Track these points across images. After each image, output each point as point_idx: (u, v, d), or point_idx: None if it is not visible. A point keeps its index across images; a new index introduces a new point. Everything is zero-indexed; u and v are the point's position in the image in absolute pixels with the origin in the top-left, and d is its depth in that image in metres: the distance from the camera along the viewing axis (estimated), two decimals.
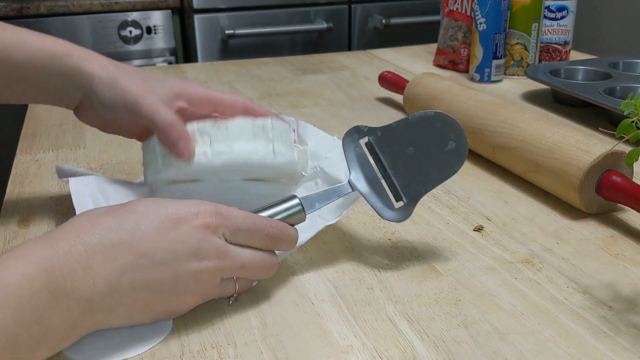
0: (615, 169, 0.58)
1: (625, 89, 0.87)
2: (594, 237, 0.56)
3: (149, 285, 0.41)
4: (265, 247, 0.46)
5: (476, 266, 0.51)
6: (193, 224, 0.42)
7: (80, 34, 1.77)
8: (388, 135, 0.51)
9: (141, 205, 0.42)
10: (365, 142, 0.52)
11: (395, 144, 0.51)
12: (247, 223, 0.44)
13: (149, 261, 0.40)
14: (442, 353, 0.41)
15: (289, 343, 0.43)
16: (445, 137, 0.51)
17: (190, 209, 0.43)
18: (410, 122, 0.52)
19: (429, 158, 0.51)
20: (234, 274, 0.45)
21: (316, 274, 0.51)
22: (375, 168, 0.51)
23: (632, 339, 0.42)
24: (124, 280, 0.40)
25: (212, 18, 1.82)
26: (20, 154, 0.76)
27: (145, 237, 0.41)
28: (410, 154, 0.51)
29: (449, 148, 0.51)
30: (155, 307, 0.42)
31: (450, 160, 0.51)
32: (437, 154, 0.51)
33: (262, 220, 0.45)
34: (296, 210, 0.48)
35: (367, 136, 0.52)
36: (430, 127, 0.51)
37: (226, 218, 0.44)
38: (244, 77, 1.12)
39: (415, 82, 0.85)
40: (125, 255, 0.40)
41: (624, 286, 0.49)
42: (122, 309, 0.41)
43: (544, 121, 0.66)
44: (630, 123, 0.43)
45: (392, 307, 0.46)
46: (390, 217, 0.51)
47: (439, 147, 0.51)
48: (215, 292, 0.45)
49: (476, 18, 1.04)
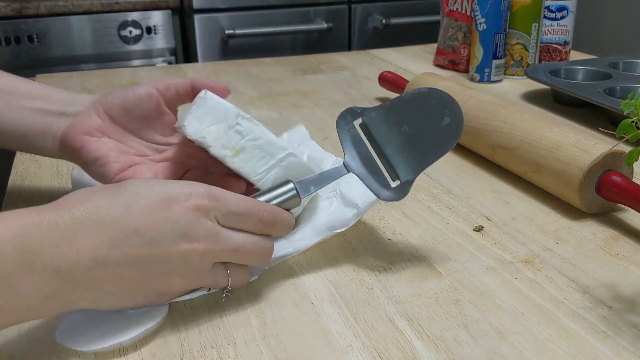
0: (615, 169, 0.58)
1: (625, 89, 0.87)
2: (594, 237, 0.56)
3: (137, 262, 0.40)
4: (259, 232, 0.45)
5: (476, 266, 0.51)
6: (185, 204, 0.41)
7: (80, 34, 1.77)
8: (382, 115, 0.51)
9: (135, 184, 0.42)
10: (359, 123, 0.51)
11: (389, 123, 0.51)
12: (241, 207, 0.44)
13: (139, 238, 0.40)
14: (442, 353, 0.41)
15: (289, 343, 0.43)
16: (440, 112, 0.50)
17: (183, 189, 0.42)
18: (404, 100, 0.51)
19: (424, 135, 0.51)
20: (226, 257, 0.44)
21: (316, 274, 0.51)
22: (371, 148, 0.51)
23: (632, 339, 0.42)
24: (112, 255, 0.39)
25: (212, 18, 1.82)
26: (20, 154, 0.76)
27: (136, 215, 0.40)
28: (406, 132, 0.51)
29: (444, 123, 0.50)
30: (143, 287, 0.42)
31: (446, 136, 0.50)
32: (433, 130, 0.51)
33: (257, 205, 0.45)
34: (291, 195, 0.47)
35: (361, 117, 0.52)
36: (424, 104, 0.51)
37: (219, 201, 0.43)
38: (244, 77, 1.13)
39: (415, 82, 0.85)
40: (114, 231, 0.39)
41: (624, 286, 0.49)
42: (108, 286, 0.40)
43: (544, 121, 0.66)
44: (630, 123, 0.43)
45: (392, 307, 0.46)
46: (388, 196, 0.50)
47: (434, 124, 0.51)
48: (207, 278, 0.44)
49: (476, 18, 1.04)
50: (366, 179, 0.50)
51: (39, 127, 0.56)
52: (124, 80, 1.11)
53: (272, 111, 0.92)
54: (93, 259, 0.39)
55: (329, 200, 0.56)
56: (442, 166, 0.72)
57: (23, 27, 1.72)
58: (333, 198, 0.56)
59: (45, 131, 0.56)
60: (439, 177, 0.69)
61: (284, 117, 0.89)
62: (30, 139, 0.57)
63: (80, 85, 1.08)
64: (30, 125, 0.56)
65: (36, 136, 0.56)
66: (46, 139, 0.56)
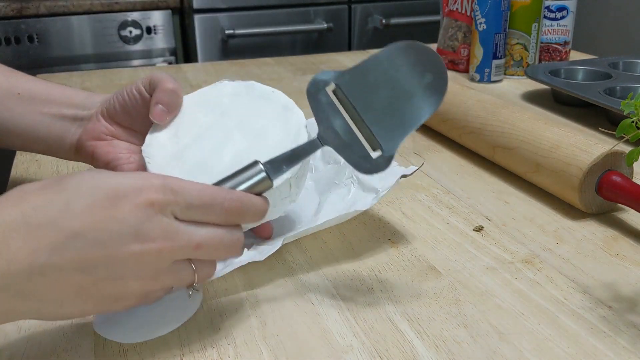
0: (615, 169, 0.58)
1: (625, 89, 0.87)
2: (594, 237, 0.56)
3: (81, 267, 0.36)
4: (225, 223, 0.40)
5: (476, 266, 0.51)
6: (135, 201, 0.37)
7: (80, 34, 1.77)
8: (357, 78, 0.45)
9: (76, 179, 0.38)
10: (332, 89, 0.46)
11: (366, 86, 0.45)
12: (203, 198, 0.39)
13: (81, 241, 0.36)
14: (442, 353, 0.41)
15: (289, 343, 0.43)
16: (420, 69, 0.45)
17: (133, 183, 0.38)
18: (379, 59, 0.46)
19: (405, 96, 0.45)
20: (188, 255, 0.39)
21: (316, 274, 0.51)
22: (347, 117, 0.46)
23: (632, 339, 0.42)
24: (52, 261, 0.36)
25: (212, 18, 1.82)
26: (20, 154, 0.76)
27: (77, 215, 0.36)
28: (384, 94, 0.45)
29: (426, 81, 0.45)
30: (92, 292, 0.38)
31: (428, 96, 0.45)
32: (414, 89, 0.45)
33: (220, 193, 0.40)
34: (260, 178, 0.42)
35: (334, 82, 0.46)
36: (402, 61, 0.45)
37: (176, 193, 0.38)
38: (244, 77, 1.12)
39: None
40: (53, 235, 0.36)
41: (624, 286, 0.49)
42: (50, 294, 0.37)
43: (544, 121, 0.66)
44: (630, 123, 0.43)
45: (392, 307, 0.46)
46: (367, 169, 0.45)
47: (414, 82, 0.45)
48: (168, 277, 0.40)
49: (476, 18, 1.04)
50: (343, 151, 0.45)
51: (57, 133, 0.58)
52: (124, 80, 1.11)
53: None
54: (29, 266, 0.35)
55: (346, 187, 0.57)
56: (442, 166, 0.72)
57: (23, 27, 1.72)
58: (350, 185, 0.57)
59: (62, 137, 0.58)
60: (439, 177, 0.69)
61: None
62: (50, 144, 0.59)
63: (80, 85, 1.08)
64: (48, 131, 0.58)
65: (55, 141, 0.58)
66: (64, 144, 0.58)
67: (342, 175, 0.60)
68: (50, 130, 0.58)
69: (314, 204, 0.58)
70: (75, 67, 1.77)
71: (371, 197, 0.55)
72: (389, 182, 0.55)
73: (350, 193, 0.57)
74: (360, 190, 0.56)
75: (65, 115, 0.58)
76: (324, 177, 0.61)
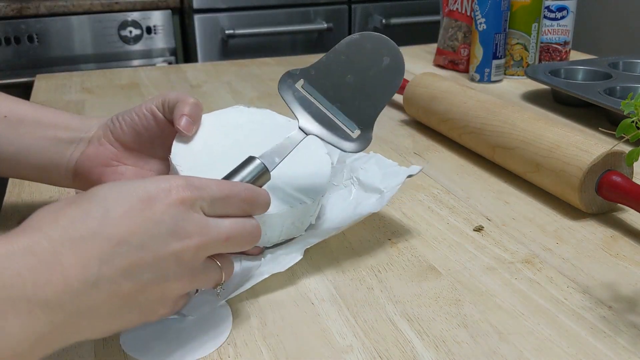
0: (615, 169, 0.58)
1: (625, 89, 0.87)
2: (594, 237, 0.56)
3: (131, 273, 0.36)
4: (243, 213, 0.42)
5: (476, 266, 0.51)
6: (167, 201, 0.38)
7: (80, 34, 1.77)
8: (322, 71, 0.50)
9: (105, 189, 0.38)
10: (301, 85, 0.50)
11: (332, 77, 0.50)
12: (223, 190, 0.41)
13: (126, 247, 0.36)
14: (442, 353, 0.41)
15: (289, 343, 0.43)
16: (378, 54, 0.50)
17: (160, 185, 0.38)
18: (339, 51, 0.50)
19: (369, 80, 0.50)
20: (219, 249, 0.41)
21: (316, 274, 0.51)
22: (321, 106, 0.50)
23: (632, 339, 0.42)
24: (103, 272, 0.35)
25: (212, 18, 1.82)
26: None
27: (117, 222, 0.36)
28: (350, 81, 0.50)
29: (385, 64, 0.50)
30: (139, 300, 0.37)
31: (389, 76, 0.50)
32: (376, 73, 0.50)
33: (236, 185, 0.42)
34: (261, 170, 0.45)
35: (302, 78, 0.50)
36: (360, 50, 0.50)
37: (201, 189, 0.40)
38: (244, 77, 1.12)
39: (415, 82, 0.85)
40: (98, 245, 0.35)
41: (624, 286, 0.49)
42: (104, 308, 0.36)
43: (544, 121, 0.66)
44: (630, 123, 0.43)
45: (392, 307, 0.46)
46: (351, 147, 0.49)
47: (375, 67, 0.50)
48: (201, 277, 0.40)
49: (476, 18, 1.04)
50: (326, 136, 0.49)
51: (51, 157, 0.54)
52: (124, 80, 1.11)
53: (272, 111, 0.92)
54: (83, 280, 0.34)
55: (346, 189, 0.57)
56: (442, 166, 0.72)
57: (23, 27, 1.72)
58: (351, 186, 0.57)
59: (57, 162, 0.54)
60: (439, 177, 0.69)
61: None
62: (43, 170, 0.55)
63: (80, 85, 1.08)
64: (41, 157, 0.54)
65: (48, 167, 0.55)
66: (58, 169, 0.55)
67: (340, 176, 0.60)
68: (43, 155, 0.54)
69: None
70: (75, 67, 1.77)
71: (374, 197, 0.55)
72: (392, 182, 0.55)
73: (352, 194, 0.57)
74: (362, 191, 0.57)
75: (60, 138, 0.54)
76: None
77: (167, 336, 0.43)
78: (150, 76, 1.14)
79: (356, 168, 0.59)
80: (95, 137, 0.54)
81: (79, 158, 0.54)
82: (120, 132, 0.54)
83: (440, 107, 0.78)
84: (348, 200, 0.56)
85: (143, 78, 1.13)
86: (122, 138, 0.54)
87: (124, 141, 0.54)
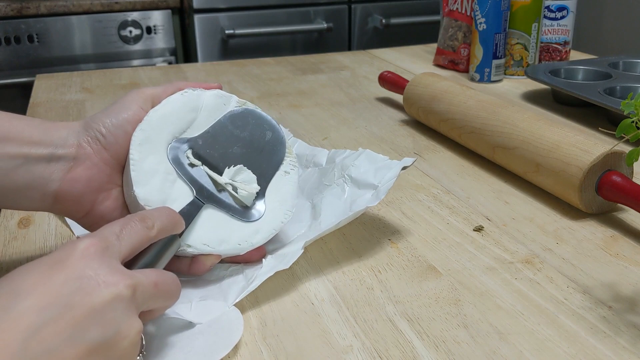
0: (615, 169, 0.58)
1: (625, 89, 0.87)
2: (594, 237, 0.56)
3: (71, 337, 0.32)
4: None
5: (476, 266, 0.51)
6: (77, 255, 0.35)
7: (80, 34, 1.77)
8: (209, 141, 0.50)
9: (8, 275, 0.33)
10: (191, 152, 0.49)
11: (220, 147, 0.51)
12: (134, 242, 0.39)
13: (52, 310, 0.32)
14: (442, 353, 0.41)
15: (289, 343, 0.43)
16: (261, 129, 0.53)
17: (66, 247, 0.35)
18: (224, 123, 0.51)
19: (255, 151, 0.52)
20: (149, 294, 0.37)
21: (316, 274, 0.50)
22: (213, 174, 0.50)
23: (632, 339, 0.42)
24: (31, 349, 0.30)
25: (212, 18, 1.82)
26: None
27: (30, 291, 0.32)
28: (237, 152, 0.51)
29: (268, 138, 0.52)
30: None
31: (274, 149, 0.53)
32: (260, 145, 0.52)
33: None
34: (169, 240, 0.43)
35: (190, 147, 0.50)
36: (244, 124, 0.52)
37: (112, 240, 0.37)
38: (244, 77, 1.13)
39: (415, 82, 0.85)
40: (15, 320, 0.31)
41: (624, 286, 0.49)
42: None
43: (544, 121, 0.66)
44: (630, 123, 0.43)
45: (392, 307, 0.46)
46: (247, 217, 0.49)
47: (259, 139, 0.52)
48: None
49: (476, 18, 1.04)
50: (220, 205, 0.49)
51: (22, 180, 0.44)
52: (124, 80, 1.11)
53: (272, 111, 0.92)
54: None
55: (339, 187, 0.57)
56: (442, 166, 0.72)
57: (23, 27, 1.72)
58: (344, 184, 0.57)
59: (31, 186, 0.44)
60: (439, 177, 0.69)
61: (284, 117, 0.89)
62: (9, 194, 0.45)
63: (80, 85, 1.08)
64: (8, 179, 0.44)
65: (17, 191, 0.45)
66: (32, 193, 0.45)
67: (331, 175, 0.59)
68: (10, 176, 0.44)
69: (306, 208, 0.57)
70: (75, 67, 1.77)
71: (369, 192, 0.55)
72: (385, 176, 0.55)
73: (345, 192, 0.57)
74: (356, 189, 0.56)
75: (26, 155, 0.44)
76: (308, 180, 0.61)
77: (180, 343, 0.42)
78: (150, 76, 1.14)
79: (347, 165, 0.58)
80: (82, 156, 0.46)
81: (63, 181, 0.45)
82: (118, 148, 0.47)
83: (440, 107, 0.78)
84: (343, 198, 0.56)
85: (143, 78, 1.13)
86: (120, 153, 0.47)
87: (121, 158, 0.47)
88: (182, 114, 0.50)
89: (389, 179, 0.54)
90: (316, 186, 0.59)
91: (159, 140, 0.48)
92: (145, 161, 0.47)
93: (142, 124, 0.48)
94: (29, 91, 1.06)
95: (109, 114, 0.47)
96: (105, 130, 0.46)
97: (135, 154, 0.47)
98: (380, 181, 0.55)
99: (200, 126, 0.51)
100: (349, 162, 0.59)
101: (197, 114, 0.51)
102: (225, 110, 0.52)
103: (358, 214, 0.53)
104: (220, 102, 0.52)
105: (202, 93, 0.51)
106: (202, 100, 0.51)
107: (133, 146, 0.47)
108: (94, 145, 0.46)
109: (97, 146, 0.46)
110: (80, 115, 0.92)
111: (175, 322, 0.44)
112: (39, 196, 0.45)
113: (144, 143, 0.47)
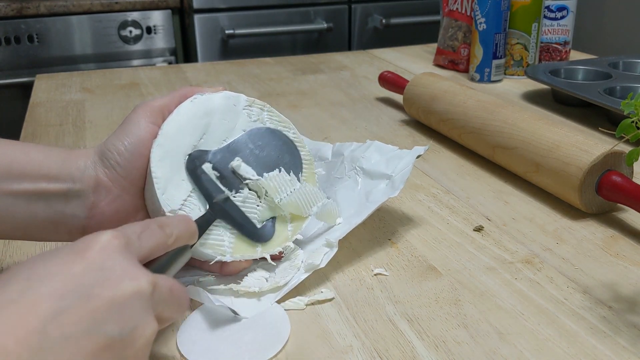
0: (615, 169, 0.58)
1: (625, 89, 0.87)
2: (594, 237, 0.56)
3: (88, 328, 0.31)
4: None
5: (476, 266, 0.51)
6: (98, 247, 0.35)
7: (80, 34, 1.77)
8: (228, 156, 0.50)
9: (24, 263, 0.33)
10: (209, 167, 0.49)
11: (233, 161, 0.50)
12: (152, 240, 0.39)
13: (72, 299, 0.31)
14: (442, 353, 0.41)
15: (289, 343, 0.43)
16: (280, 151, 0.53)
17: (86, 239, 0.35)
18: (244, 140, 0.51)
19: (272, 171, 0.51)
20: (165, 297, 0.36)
21: (316, 274, 0.50)
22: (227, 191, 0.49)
23: (632, 339, 0.42)
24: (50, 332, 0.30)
25: (212, 18, 1.82)
26: None
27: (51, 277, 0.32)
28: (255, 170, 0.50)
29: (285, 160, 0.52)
30: None
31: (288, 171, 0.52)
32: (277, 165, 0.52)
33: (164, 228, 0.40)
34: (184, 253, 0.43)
35: (208, 160, 0.49)
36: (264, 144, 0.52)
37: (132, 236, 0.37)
38: (244, 77, 1.13)
39: (415, 82, 0.85)
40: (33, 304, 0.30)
41: (624, 286, 0.49)
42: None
43: (544, 121, 0.66)
44: (630, 123, 0.43)
45: (392, 307, 0.46)
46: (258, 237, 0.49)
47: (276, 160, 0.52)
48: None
49: (476, 18, 1.04)
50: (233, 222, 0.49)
51: (44, 216, 0.45)
52: (124, 80, 1.11)
53: None
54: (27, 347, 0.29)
55: (351, 179, 0.57)
56: (442, 166, 0.72)
57: (23, 27, 1.72)
58: (356, 176, 0.57)
59: (55, 221, 0.46)
60: (439, 177, 0.69)
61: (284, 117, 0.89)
62: (34, 230, 0.46)
63: (80, 85, 1.08)
64: (29, 215, 0.45)
65: (42, 227, 0.46)
66: (57, 228, 0.46)
67: (342, 168, 0.59)
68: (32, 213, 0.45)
69: None
70: (75, 67, 1.77)
71: (383, 182, 0.55)
72: (398, 165, 0.55)
73: (359, 184, 0.57)
74: (369, 179, 0.56)
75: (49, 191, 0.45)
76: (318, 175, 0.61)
77: (229, 337, 0.42)
78: (150, 76, 1.14)
79: (357, 157, 0.58)
80: (102, 190, 0.46)
81: (89, 218, 0.46)
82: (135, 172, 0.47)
83: (440, 107, 0.78)
84: (357, 190, 0.56)
85: (143, 78, 1.13)
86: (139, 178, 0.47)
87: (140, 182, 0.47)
88: (196, 121, 0.49)
89: (402, 167, 0.54)
90: (327, 180, 0.60)
91: (178, 152, 0.48)
92: (167, 175, 0.47)
93: (159, 139, 0.47)
94: (29, 91, 1.06)
95: (121, 137, 0.47)
96: (121, 158, 0.46)
97: (157, 171, 0.47)
98: (393, 171, 0.55)
99: (216, 130, 0.50)
100: (359, 154, 0.59)
101: (210, 118, 0.50)
102: (236, 110, 0.52)
103: (380, 205, 0.53)
104: (230, 103, 0.52)
105: (211, 96, 0.51)
106: (212, 103, 0.51)
107: (153, 162, 0.47)
108: (112, 175, 0.46)
109: (114, 175, 0.46)
110: (80, 115, 0.92)
111: (219, 313, 0.45)
112: (65, 230, 0.46)
113: (163, 158, 0.47)
